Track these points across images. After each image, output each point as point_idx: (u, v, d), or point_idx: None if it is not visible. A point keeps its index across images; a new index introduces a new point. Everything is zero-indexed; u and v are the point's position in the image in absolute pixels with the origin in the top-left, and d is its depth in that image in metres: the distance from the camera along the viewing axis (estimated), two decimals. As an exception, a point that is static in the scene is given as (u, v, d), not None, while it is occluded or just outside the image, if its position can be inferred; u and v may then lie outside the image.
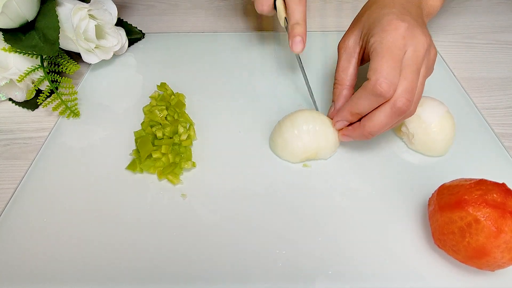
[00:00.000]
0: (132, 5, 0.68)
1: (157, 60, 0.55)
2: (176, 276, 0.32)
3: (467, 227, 0.29)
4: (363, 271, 0.32)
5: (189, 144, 0.41)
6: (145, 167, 0.39)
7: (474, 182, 0.31)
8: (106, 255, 0.33)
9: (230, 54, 0.56)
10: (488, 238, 0.28)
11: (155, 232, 0.35)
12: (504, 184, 0.30)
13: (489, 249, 0.28)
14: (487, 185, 0.30)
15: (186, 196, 0.38)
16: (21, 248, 0.34)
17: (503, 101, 0.49)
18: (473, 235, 0.28)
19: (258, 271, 0.32)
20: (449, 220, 0.30)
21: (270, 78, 0.51)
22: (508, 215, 0.28)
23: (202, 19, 0.64)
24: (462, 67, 0.54)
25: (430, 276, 0.32)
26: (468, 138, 0.43)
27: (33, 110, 0.48)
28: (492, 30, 0.62)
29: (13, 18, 0.43)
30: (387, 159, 0.41)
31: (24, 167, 0.40)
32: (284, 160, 0.41)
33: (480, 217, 0.28)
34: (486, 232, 0.28)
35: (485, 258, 0.29)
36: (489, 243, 0.28)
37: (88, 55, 0.49)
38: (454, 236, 0.30)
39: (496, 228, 0.28)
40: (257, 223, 0.35)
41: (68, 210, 0.36)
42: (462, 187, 0.31)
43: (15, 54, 0.44)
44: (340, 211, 0.36)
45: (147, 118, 0.43)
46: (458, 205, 0.29)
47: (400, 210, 0.36)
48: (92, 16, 0.48)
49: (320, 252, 0.33)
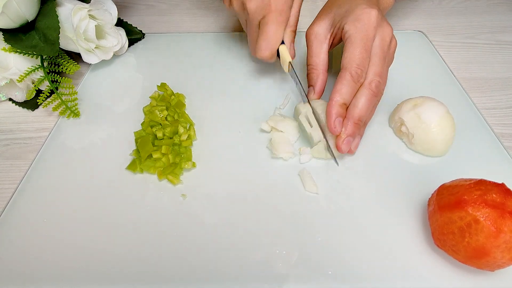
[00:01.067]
0: (132, 5, 0.68)
1: (157, 60, 0.55)
2: (176, 276, 0.32)
3: (466, 227, 0.29)
4: (363, 271, 0.32)
5: (189, 144, 0.41)
6: (145, 167, 0.39)
7: (473, 182, 0.31)
8: (106, 255, 0.33)
9: (230, 54, 0.56)
10: (488, 238, 0.28)
11: (155, 232, 0.35)
12: (504, 184, 0.30)
13: (489, 249, 0.28)
14: (486, 185, 0.30)
15: (186, 196, 0.38)
16: (21, 248, 0.34)
17: (503, 101, 0.49)
18: (473, 235, 0.29)
19: (258, 271, 0.32)
20: (448, 220, 0.30)
21: (270, 78, 0.51)
22: (507, 215, 0.28)
23: (202, 19, 0.64)
24: (462, 67, 0.54)
25: (430, 276, 0.32)
26: (468, 138, 0.43)
27: (33, 110, 0.48)
28: (492, 30, 0.62)
29: (13, 18, 0.43)
30: (387, 159, 0.41)
31: (24, 167, 0.41)
32: (283, 160, 0.41)
33: (480, 217, 0.28)
34: (486, 232, 0.28)
35: (485, 258, 0.29)
36: (488, 243, 0.28)
37: (88, 55, 0.50)
38: (454, 236, 0.30)
39: (496, 228, 0.28)
40: (256, 223, 0.35)
41: (68, 210, 0.36)
42: (462, 187, 0.31)
43: (15, 54, 0.44)
44: (340, 211, 0.36)
45: (147, 118, 0.43)
46: (458, 205, 0.30)
47: (400, 210, 0.36)
48: (92, 16, 0.48)
49: (319, 252, 0.33)
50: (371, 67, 0.39)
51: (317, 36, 0.43)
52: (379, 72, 0.39)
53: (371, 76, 0.39)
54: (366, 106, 0.38)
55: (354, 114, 0.38)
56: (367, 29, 0.39)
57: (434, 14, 0.66)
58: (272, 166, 0.40)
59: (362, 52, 0.38)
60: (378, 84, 0.39)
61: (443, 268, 0.32)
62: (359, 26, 0.39)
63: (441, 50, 0.57)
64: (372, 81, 0.38)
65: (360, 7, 0.40)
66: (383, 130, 0.44)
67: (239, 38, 0.59)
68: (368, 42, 0.39)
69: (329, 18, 0.43)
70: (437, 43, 0.58)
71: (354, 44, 0.38)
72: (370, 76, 0.39)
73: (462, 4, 0.68)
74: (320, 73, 0.42)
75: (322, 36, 0.43)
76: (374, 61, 0.39)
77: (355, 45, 0.38)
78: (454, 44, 0.59)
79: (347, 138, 0.38)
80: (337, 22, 0.41)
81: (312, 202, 0.37)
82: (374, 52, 0.39)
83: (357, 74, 0.38)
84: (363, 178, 0.39)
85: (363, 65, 0.38)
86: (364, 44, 0.38)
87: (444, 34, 0.61)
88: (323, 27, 0.43)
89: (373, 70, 0.39)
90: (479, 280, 0.32)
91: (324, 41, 0.43)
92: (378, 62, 0.39)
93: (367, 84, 0.39)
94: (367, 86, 0.39)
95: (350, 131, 0.38)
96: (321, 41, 0.43)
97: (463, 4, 0.68)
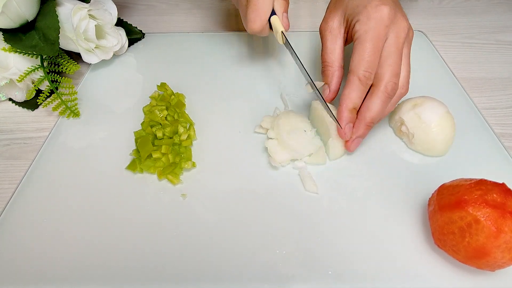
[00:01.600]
0: (132, 5, 0.68)
1: (157, 60, 0.55)
2: (176, 275, 0.32)
3: (467, 227, 0.29)
4: (363, 271, 0.32)
5: (189, 144, 0.41)
6: (145, 167, 0.39)
7: (474, 182, 0.31)
8: (106, 254, 0.33)
9: (230, 54, 0.56)
10: (488, 238, 0.28)
11: (155, 232, 0.35)
12: (504, 184, 0.30)
13: (489, 249, 0.28)
14: (487, 185, 0.30)
15: (186, 196, 0.38)
16: (21, 248, 0.34)
17: (503, 101, 0.49)
18: (473, 235, 0.28)
19: (258, 271, 0.32)
20: (449, 220, 0.30)
21: (270, 78, 0.51)
22: (508, 215, 0.28)
23: (202, 19, 0.64)
24: (462, 67, 0.54)
25: (430, 276, 0.32)
26: (468, 138, 0.43)
27: (33, 110, 0.48)
28: (492, 30, 0.62)
29: (13, 18, 0.43)
30: (387, 159, 0.41)
31: (24, 167, 0.40)
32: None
33: (480, 217, 0.28)
34: (486, 232, 0.28)
35: (485, 258, 0.29)
36: (489, 243, 0.28)
37: (88, 55, 0.49)
38: (454, 236, 0.30)
39: (496, 228, 0.28)
40: (256, 223, 0.35)
41: (68, 210, 0.36)
42: (462, 187, 0.31)
43: (15, 54, 0.44)
44: (340, 211, 0.36)
45: (147, 118, 0.43)
46: (458, 205, 0.29)
47: (400, 210, 0.36)
48: (92, 16, 0.48)
49: (319, 252, 0.33)
50: (388, 67, 0.37)
51: (331, 31, 0.41)
52: (395, 72, 0.37)
53: (388, 78, 0.37)
54: (379, 109, 0.37)
55: (367, 117, 0.38)
56: (378, 28, 0.37)
57: (434, 14, 0.66)
58: (271, 166, 0.40)
59: (371, 54, 0.37)
60: (394, 87, 0.37)
61: (443, 268, 0.32)
62: (370, 26, 0.37)
63: (441, 50, 0.57)
64: (388, 83, 0.37)
65: (372, 4, 0.38)
66: (383, 130, 0.44)
67: (239, 38, 0.59)
68: (379, 42, 0.37)
69: (341, 11, 0.41)
70: (437, 43, 0.58)
71: (363, 45, 0.37)
72: (386, 77, 0.37)
73: (462, 4, 0.68)
74: (335, 70, 0.41)
75: (337, 31, 0.41)
76: (390, 61, 0.37)
77: (364, 46, 0.37)
78: (454, 44, 0.59)
79: (357, 139, 0.38)
80: (349, 17, 0.40)
81: (312, 202, 0.37)
82: (389, 52, 0.37)
83: (365, 77, 0.37)
84: (363, 178, 0.39)
85: (371, 68, 0.37)
86: (374, 44, 0.37)
87: (444, 34, 0.61)
88: (336, 21, 0.41)
89: (390, 71, 0.37)
90: (479, 280, 0.32)
91: (338, 36, 0.41)
92: (395, 61, 0.37)
93: (383, 87, 0.37)
94: (382, 89, 0.37)
95: (361, 133, 0.38)
96: (336, 35, 0.41)
97: (463, 4, 0.68)
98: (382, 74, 0.37)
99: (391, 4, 0.38)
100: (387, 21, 0.37)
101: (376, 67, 0.37)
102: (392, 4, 0.38)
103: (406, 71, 0.39)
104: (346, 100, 0.38)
